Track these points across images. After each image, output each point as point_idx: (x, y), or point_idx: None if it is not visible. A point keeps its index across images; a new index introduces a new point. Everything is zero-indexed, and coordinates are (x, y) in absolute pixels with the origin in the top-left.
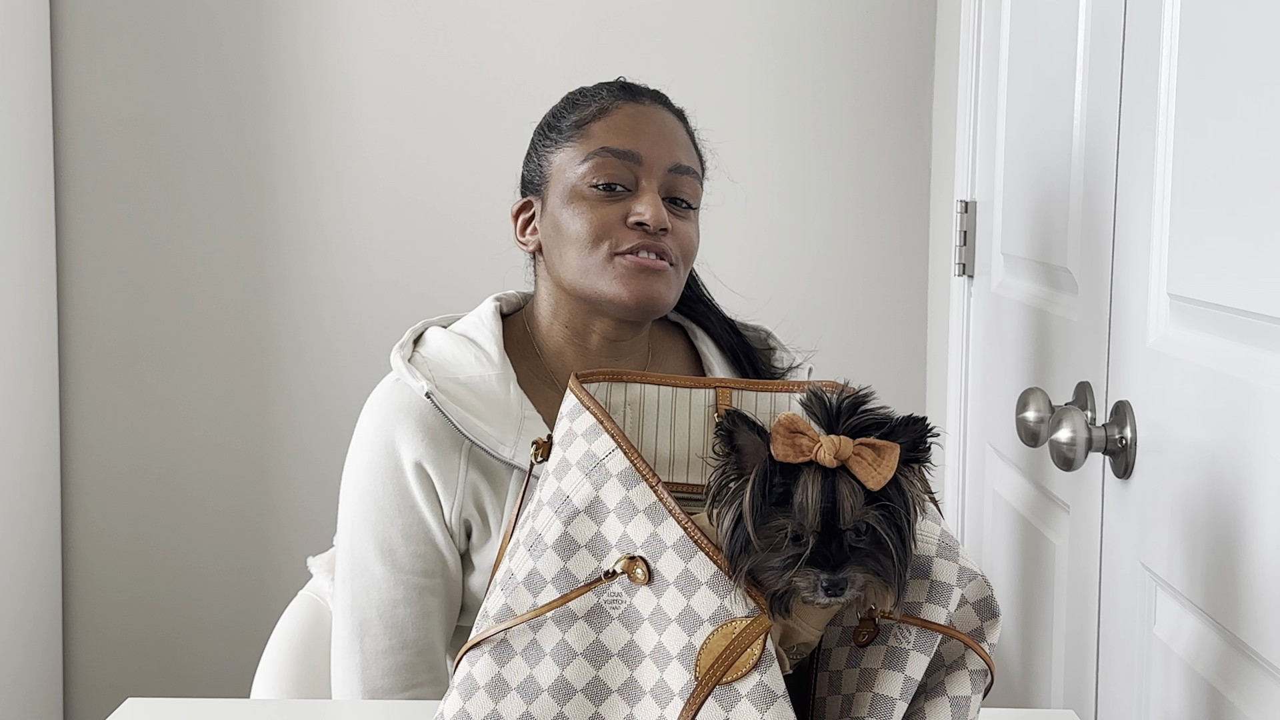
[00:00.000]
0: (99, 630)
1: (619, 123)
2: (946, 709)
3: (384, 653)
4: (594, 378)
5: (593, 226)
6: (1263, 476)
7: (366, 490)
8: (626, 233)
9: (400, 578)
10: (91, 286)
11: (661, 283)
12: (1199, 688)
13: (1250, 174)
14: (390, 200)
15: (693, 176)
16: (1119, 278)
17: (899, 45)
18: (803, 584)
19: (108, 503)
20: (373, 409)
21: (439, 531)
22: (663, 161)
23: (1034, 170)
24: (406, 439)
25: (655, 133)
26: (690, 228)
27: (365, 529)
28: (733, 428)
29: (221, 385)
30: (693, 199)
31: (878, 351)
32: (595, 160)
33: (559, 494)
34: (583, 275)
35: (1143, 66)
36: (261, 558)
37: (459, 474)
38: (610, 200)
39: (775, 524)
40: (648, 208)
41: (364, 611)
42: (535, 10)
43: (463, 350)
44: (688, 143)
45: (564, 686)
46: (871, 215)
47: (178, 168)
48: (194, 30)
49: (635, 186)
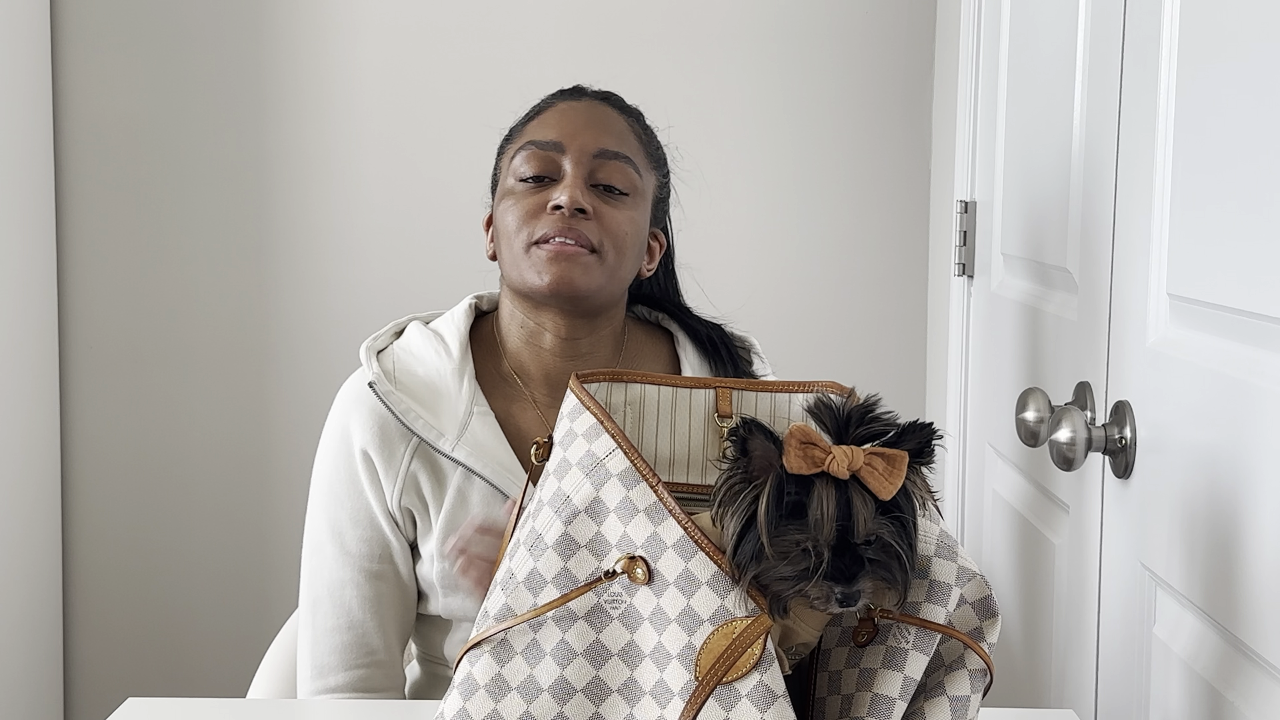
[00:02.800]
0: (99, 630)
1: (548, 118)
2: (946, 708)
3: (331, 630)
4: (594, 378)
5: (517, 218)
6: (1263, 476)
7: (323, 474)
8: (545, 219)
9: (348, 560)
10: (91, 287)
11: (578, 269)
12: (1198, 688)
13: (1249, 174)
14: (390, 201)
15: (624, 163)
16: (1119, 278)
17: (899, 45)
18: (816, 595)
19: (108, 503)
20: (338, 397)
21: (383, 518)
22: (586, 148)
23: (1034, 170)
24: (358, 426)
25: (582, 122)
26: (622, 215)
27: (320, 511)
28: (748, 435)
29: (221, 385)
30: (624, 186)
31: (878, 351)
32: (522, 154)
33: (559, 494)
34: (512, 267)
35: (1143, 66)
36: (261, 558)
37: (401, 464)
38: (534, 190)
39: (790, 537)
40: (563, 190)
41: (317, 589)
42: (535, 11)
43: (428, 343)
44: (624, 132)
45: (564, 686)
46: (871, 215)
47: (178, 168)
48: (194, 30)
49: (559, 175)
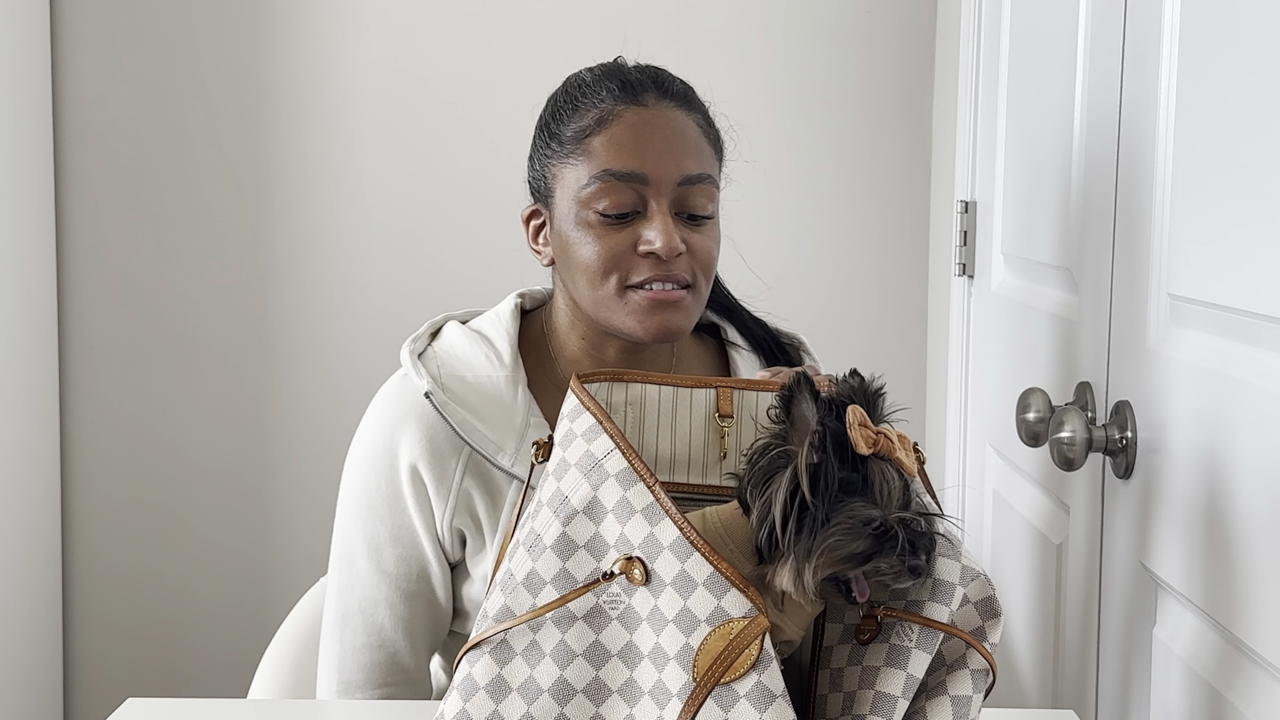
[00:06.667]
0: (99, 630)
1: (620, 137)
2: (948, 708)
3: (360, 648)
4: (595, 378)
5: (601, 259)
6: (1263, 477)
7: (361, 486)
8: (638, 263)
9: (384, 579)
10: (91, 286)
11: (679, 314)
12: (1199, 688)
13: (1250, 174)
14: (391, 200)
15: (706, 184)
16: (1119, 278)
17: (899, 45)
18: (888, 570)
19: (108, 503)
20: (379, 403)
21: (427, 538)
22: (670, 176)
23: (1034, 170)
24: (406, 440)
25: (661, 143)
26: (707, 240)
27: (356, 524)
28: (794, 393)
29: (221, 385)
30: (707, 209)
31: (878, 351)
32: (598, 186)
33: (558, 494)
34: (595, 307)
35: (1143, 66)
36: (261, 558)
37: (454, 481)
38: (618, 227)
39: (859, 513)
40: (658, 235)
41: (347, 604)
42: (535, 11)
43: (474, 347)
44: (698, 141)
45: (564, 687)
46: (871, 215)
47: (178, 168)
48: (194, 30)
49: (644, 207)
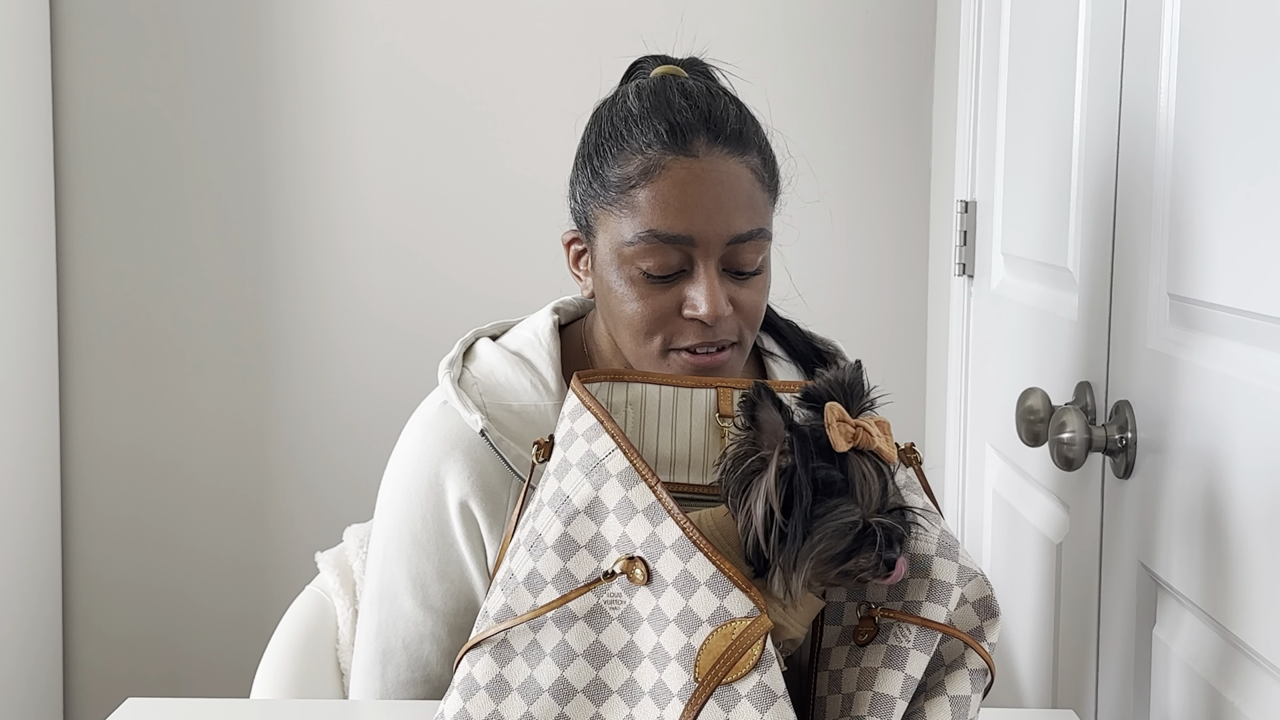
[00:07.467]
0: (99, 630)
1: (668, 195)
2: (946, 708)
3: (405, 684)
4: (596, 377)
5: (644, 319)
6: (1263, 477)
7: (404, 520)
8: (683, 326)
9: (430, 615)
10: (91, 286)
11: (722, 372)
12: (1198, 688)
13: (1250, 174)
14: (391, 200)
15: (758, 239)
16: (1119, 278)
17: (899, 45)
18: (866, 566)
19: (108, 503)
20: (417, 434)
21: (477, 574)
22: (720, 236)
23: (1034, 170)
24: (454, 475)
25: (711, 203)
26: (756, 294)
27: (399, 559)
28: (757, 400)
29: (221, 384)
30: (755, 264)
31: (878, 351)
32: (643, 245)
33: (559, 494)
34: (637, 360)
35: (1143, 66)
36: (261, 557)
37: (508, 514)
38: (662, 288)
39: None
40: (704, 301)
41: (389, 640)
42: (535, 11)
43: (517, 373)
44: (750, 194)
45: (565, 687)
46: (871, 215)
47: (178, 167)
48: (194, 30)
49: (690, 266)
